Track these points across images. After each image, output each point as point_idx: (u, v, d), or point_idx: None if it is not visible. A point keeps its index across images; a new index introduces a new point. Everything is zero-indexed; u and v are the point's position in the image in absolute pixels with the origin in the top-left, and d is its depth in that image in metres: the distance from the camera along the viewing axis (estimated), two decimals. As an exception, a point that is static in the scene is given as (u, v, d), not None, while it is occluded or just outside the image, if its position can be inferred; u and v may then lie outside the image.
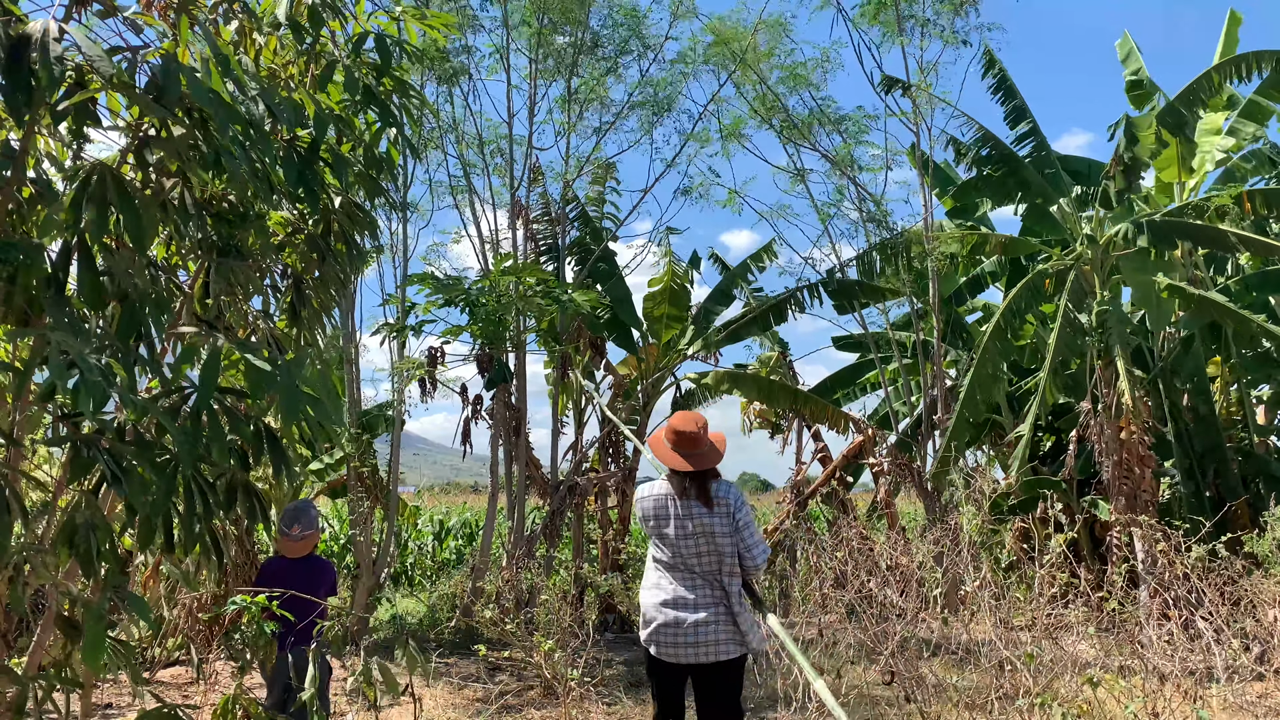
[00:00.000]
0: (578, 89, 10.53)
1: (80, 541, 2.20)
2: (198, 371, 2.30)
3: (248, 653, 3.60)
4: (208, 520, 2.42)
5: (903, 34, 10.98)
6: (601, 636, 8.40)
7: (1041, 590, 5.83)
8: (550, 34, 10.08)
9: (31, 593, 2.71)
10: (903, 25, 10.89)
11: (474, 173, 10.64)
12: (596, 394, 11.25)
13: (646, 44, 10.55)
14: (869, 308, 13.02)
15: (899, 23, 10.85)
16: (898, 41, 11.09)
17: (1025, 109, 12.74)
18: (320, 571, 5.05)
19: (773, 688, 6.58)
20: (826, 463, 11.81)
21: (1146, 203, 12.84)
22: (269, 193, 2.70)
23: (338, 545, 14.99)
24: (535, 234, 11.10)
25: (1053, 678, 5.04)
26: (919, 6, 10.87)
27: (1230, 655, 5.75)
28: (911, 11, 10.85)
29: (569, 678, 6.23)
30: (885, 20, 10.94)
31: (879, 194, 11.78)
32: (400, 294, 9.68)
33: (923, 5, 10.88)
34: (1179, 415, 11.17)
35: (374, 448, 10.10)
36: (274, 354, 2.49)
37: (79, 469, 2.18)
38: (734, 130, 11.13)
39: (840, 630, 6.34)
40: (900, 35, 11.00)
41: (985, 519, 8.32)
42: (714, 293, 12.58)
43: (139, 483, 2.20)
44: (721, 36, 10.58)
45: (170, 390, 2.44)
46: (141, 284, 2.40)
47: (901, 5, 10.78)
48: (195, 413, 2.30)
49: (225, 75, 2.44)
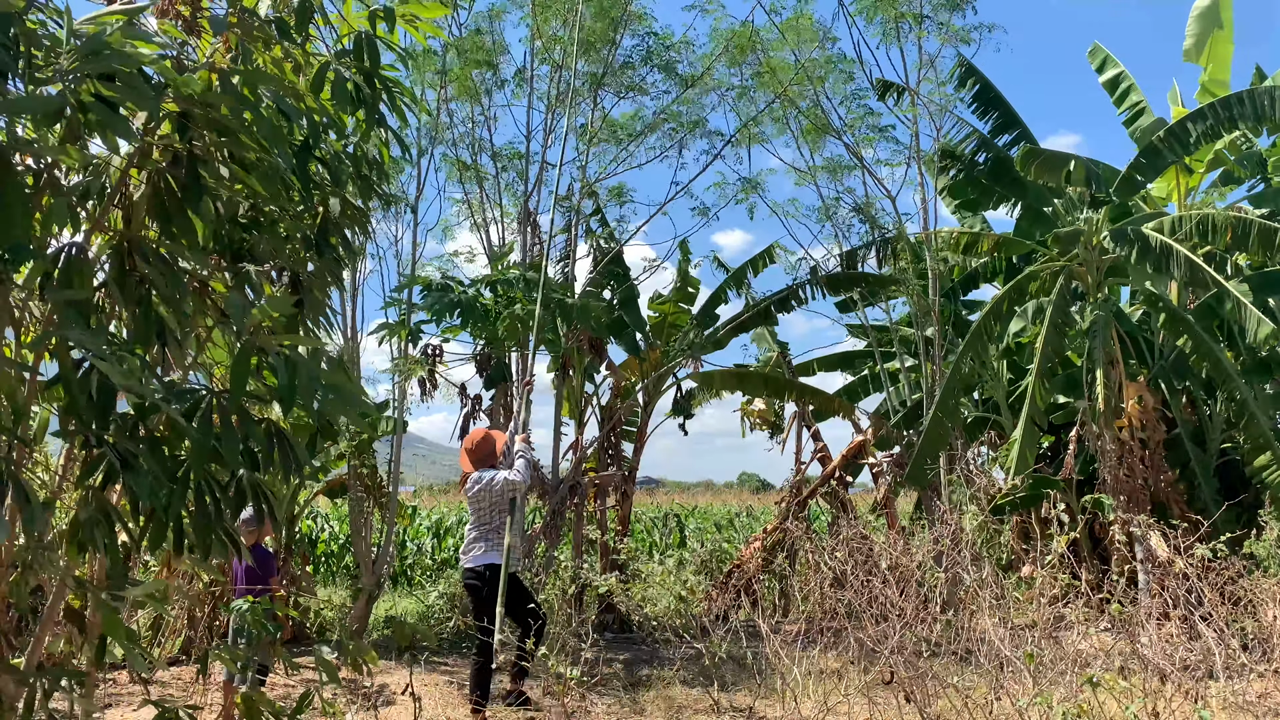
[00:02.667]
0: (598, 118, 10.58)
1: (86, 538, 2.20)
2: (214, 370, 2.30)
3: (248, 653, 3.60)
4: (219, 521, 2.42)
5: (899, 36, 10.92)
6: (601, 636, 8.40)
7: (1042, 590, 5.84)
8: (577, 54, 10.14)
9: (33, 589, 2.71)
10: (899, 25, 10.83)
11: (487, 181, 10.70)
12: (596, 395, 11.27)
13: (673, 69, 10.55)
14: (871, 306, 13.03)
15: (896, 21, 10.78)
16: (892, 41, 11.04)
17: (1014, 113, 12.81)
18: (266, 558, 6.41)
19: (772, 687, 6.58)
20: (826, 463, 11.81)
21: (1145, 203, 12.88)
22: (287, 196, 2.71)
23: (337, 545, 14.99)
24: (543, 238, 11.12)
25: (1053, 678, 5.05)
26: (915, 3, 10.80)
27: (1230, 654, 5.75)
28: (907, 9, 10.78)
29: (569, 677, 6.23)
30: (883, 9, 10.86)
31: (894, 189, 11.77)
32: (407, 296, 9.67)
33: (919, 2, 10.82)
34: (1180, 414, 11.19)
35: (374, 447, 10.08)
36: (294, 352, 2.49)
37: (89, 467, 2.18)
38: (750, 133, 11.11)
39: (840, 630, 6.34)
40: (898, 38, 10.95)
41: (984, 518, 8.34)
42: (714, 295, 12.62)
43: (149, 482, 2.19)
44: (768, 63, 10.55)
45: (185, 390, 2.44)
46: (162, 286, 2.40)
47: (899, 2, 10.71)
48: (207, 413, 2.30)
49: (258, 83, 2.50)
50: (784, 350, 13.29)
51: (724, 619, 8.64)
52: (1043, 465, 11.40)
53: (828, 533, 10.35)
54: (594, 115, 10.62)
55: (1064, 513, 7.75)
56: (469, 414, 10.30)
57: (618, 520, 11.03)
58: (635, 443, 11.47)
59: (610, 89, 10.53)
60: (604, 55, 10.30)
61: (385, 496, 9.78)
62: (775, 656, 6.31)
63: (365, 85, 2.91)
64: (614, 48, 10.35)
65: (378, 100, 2.98)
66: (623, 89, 10.53)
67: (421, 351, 9.85)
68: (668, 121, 10.70)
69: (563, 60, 10.24)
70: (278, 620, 4.24)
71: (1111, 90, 13.74)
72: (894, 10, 10.66)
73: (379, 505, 9.84)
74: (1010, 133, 12.85)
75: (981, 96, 12.87)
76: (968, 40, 10.95)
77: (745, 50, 10.48)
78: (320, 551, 14.75)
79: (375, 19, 2.97)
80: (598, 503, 10.99)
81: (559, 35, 10.27)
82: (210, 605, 8.39)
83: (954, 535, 6.87)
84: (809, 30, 10.75)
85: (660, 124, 10.69)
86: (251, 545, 6.32)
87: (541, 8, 10.16)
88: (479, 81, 10.37)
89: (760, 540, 11.20)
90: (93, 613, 2.43)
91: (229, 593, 7.54)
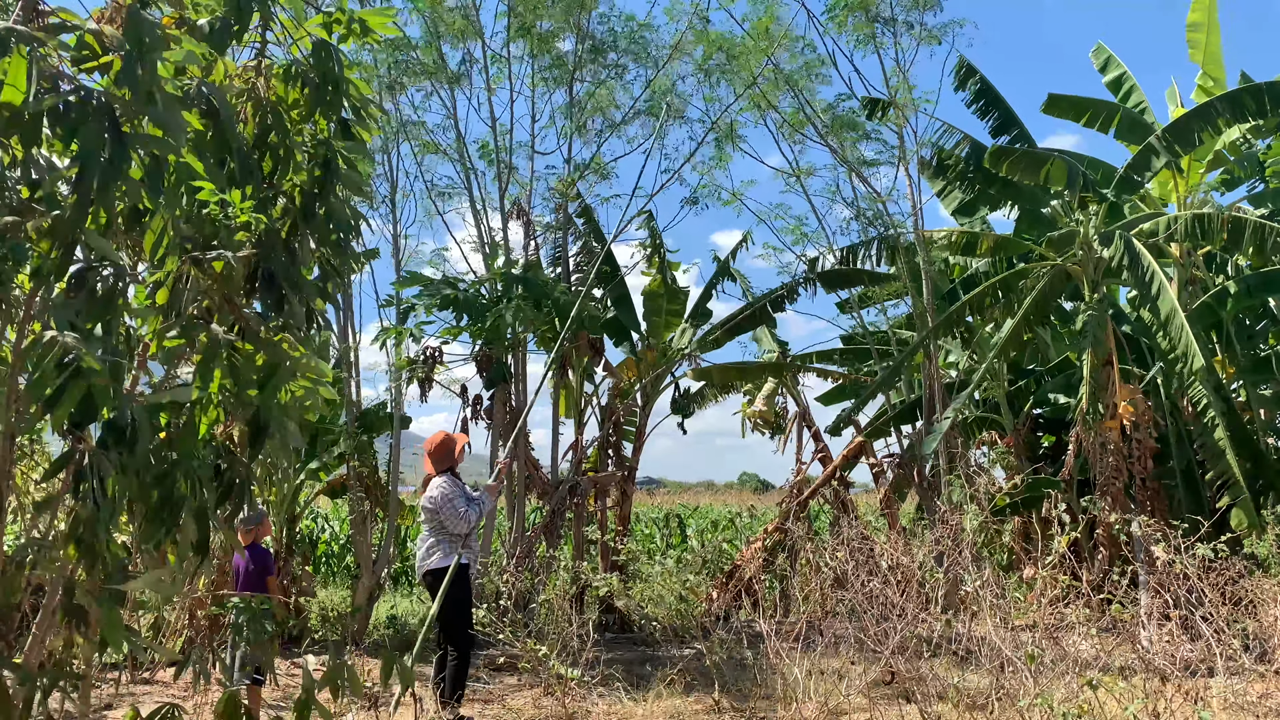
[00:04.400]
0: (580, 96, 10.53)
1: (86, 537, 2.19)
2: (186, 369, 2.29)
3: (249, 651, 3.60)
4: (203, 519, 2.41)
5: (875, 38, 10.83)
6: (601, 636, 8.40)
7: (1043, 590, 5.83)
8: (549, 42, 10.07)
9: (31, 589, 2.70)
10: (874, 29, 10.75)
11: (472, 175, 10.65)
12: (595, 395, 11.27)
13: (648, 52, 10.50)
14: (868, 308, 13.03)
15: (871, 25, 10.69)
16: (867, 46, 10.96)
17: (1012, 113, 12.80)
18: (264, 557, 6.49)
19: (773, 688, 6.58)
20: (826, 463, 11.81)
21: (1145, 202, 12.87)
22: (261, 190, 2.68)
23: (337, 545, 14.98)
24: (535, 233, 11.11)
25: (1054, 678, 5.04)
26: (884, 6, 10.69)
27: (1230, 655, 5.74)
28: (879, 13, 10.68)
29: (569, 677, 6.23)
30: (856, 24, 10.76)
31: (883, 190, 11.74)
32: (411, 293, 9.67)
33: (889, 5, 10.72)
34: (1179, 415, 11.18)
35: (374, 448, 10.08)
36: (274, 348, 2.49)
37: (78, 477, 2.18)
38: (731, 133, 11.05)
39: (841, 630, 6.34)
40: (874, 40, 10.86)
41: (984, 518, 8.33)
42: (705, 290, 12.67)
43: (137, 483, 2.19)
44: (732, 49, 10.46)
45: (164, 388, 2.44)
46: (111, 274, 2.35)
47: (870, 7, 10.60)
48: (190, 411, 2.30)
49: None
50: (784, 349, 13.30)
51: (724, 619, 8.65)
52: (1042, 465, 11.40)
53: (828, 533, 10.36)
54: (571, 102, 10.57)
55: (1064, 513, 7.75)
56: (469, 414, 10.31)
57: (618, 520, 11.03)
58: (634, 442, 11.47)
59: (584, 80, 10.48)
60: (572, 43, 10.25)
61: (385, 496, 9.78)
62: (776, 657, 6.31)
63: (329, 89, 2.85)
64: (582, 36, 10.27)
65: (339, 104, 2.91)
66: (599, 71, 10.45)
67: (421, 352, 9.86)
68: (646, 114, 10.64)
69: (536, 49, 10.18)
70: (275, 620, 4.24)
71: (1115, 91, 13.73)
72: (866, 15, 10.56)
73: (379, 505, 9.84)
74: (1009, 133, 12.83)
75: (981, 96, 12.86)
76: (940, 39, 10.86)
77: (711, 46, 10.37)
78: (320, 551, 14.74)
79: (332, 26, 2.92)
80: (598, 503, 10.99)
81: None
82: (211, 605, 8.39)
83: (954, 535, 6.87)
84: (780, 35, 10.64)
85: (633, 119, 10.64)
86: (249, 544, 6.35)
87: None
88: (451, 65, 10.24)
89: (761, 540, 11.20)
90: (95, 611, 2.42)
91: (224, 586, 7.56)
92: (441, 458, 6.68)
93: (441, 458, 6.68)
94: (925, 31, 10.81)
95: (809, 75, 10.99)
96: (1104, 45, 14.30)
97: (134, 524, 2.43)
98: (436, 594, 6.18)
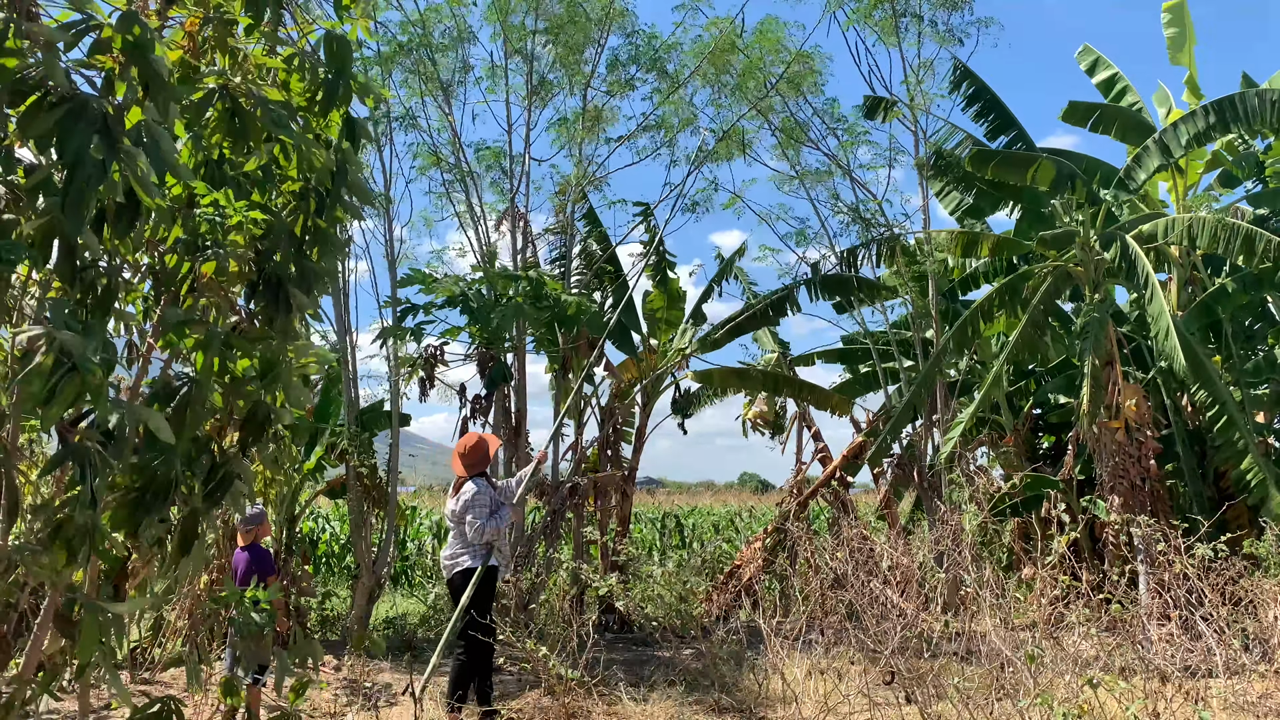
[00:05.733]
0: (584, 108, 10.57)
1: (76, 541, 2.19)
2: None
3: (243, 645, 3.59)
4: (193, 515, 2.41)
5: (897, 33, 10.88)
6: (601, 636, 8.39)
7: (1043, 590, 5.83)
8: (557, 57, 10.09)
9: (28, 593, 2.70)
10: (898, 24, 10.79)
11: (468, 180, 10.67)
12: (595, 395, 11.26)
13: (655, 64, 10.53)
14: (868, 307, 13.02)
15: (895, 20, 10.74)
16: (891, 43, 11.00)
17: (1010, 115, 12.79)
18: (263, 556, 6.48)
19: (773, 687, 6.58)
20: (826, 463, 11.80)
21: (1145, 203, 12.86)
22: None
23: (337, 545, 14.98)
24: (536, 240, 11.13)
25: (1054, 678, 5.04)
26: (914, 2, 10.75)
27: (1231, 655, 5.74)
28: (906, 8, 10.74)
29: (569, 677, 6.22)
30: (882, 20, 10.82)
31: (880, 193, 11.74)
32: (407, 293, 9.67)
33: (917, 2, 10.77)
34: (1179, 415, 11.17)
35: (373, 447, 10.07)
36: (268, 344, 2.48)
37: (74, 477, 2.18)
38: (738, 138, 11.08)
39: (840, 630, 6.33)
40: (895, 35, 10.91)
41: (983, 518, 8.33)
42: (705, 291, 12.68)
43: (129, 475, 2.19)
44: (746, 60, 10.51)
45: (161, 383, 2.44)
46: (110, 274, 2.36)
47: (897, 2, 10.66)
48: (182, 405, 2.30)
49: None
50: (785, 349, 13.30)
51: (724, 619, 8.64)
52: (1042, 465, 11.40)
53: (828, 533, 10.35)
54: (584, 114, 10.60)
55: (1064, 513, 7.74)
56: (469, 415, 10.29)
57: (617, 521, 11.03)
58: (634, 443, 11.47)
59: (600, 90, 10.53)
60: (590, 56, 10.30)
61: (385, 496, 9.77)
62: (776, 657, 6.31)
63: (340, 84, 2.85)
64: (600, 49, 10.34)
65: (349, 98, 2.92)
66: (614, 86, 10.51)
67: (421, 352, 9.84)
68: (656, 128, 10.69)
69: (532, 51, 10.20)
70: (275, 617, 4.23)
71: (1106, 91, 13.71)
72: (892, 9, 10.61)
73: (379, 505, 9.83)
74: (1007, 134, 12.82)
75: (977, 99, 12.84)
76: (963, 39, 10.91)
77: (724, 54, 10.43)
78: (320, 551, 14.74)
79: (341, 10, 2.93)
80: (597, 503, 10.99)
81: (528, 28, 10.21)
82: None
83: (954, 535, 6.87)
84: (777, 43, 10.69)
85: (641, 131, 10.69)
86: (249, 544, 6.38)
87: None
88: (448, 71, 10.27)
89: (761, 540, 11.19)
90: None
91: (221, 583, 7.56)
92: (475, 461, 6.55)
93: (475, 461, 6.55)
94: (947, 31, 10.84)
95: (811, 87, 11.06)
96: (1090, 46, 14.29)
97: (110, 510, 2.42)
98: (462, 595, 6.25)
